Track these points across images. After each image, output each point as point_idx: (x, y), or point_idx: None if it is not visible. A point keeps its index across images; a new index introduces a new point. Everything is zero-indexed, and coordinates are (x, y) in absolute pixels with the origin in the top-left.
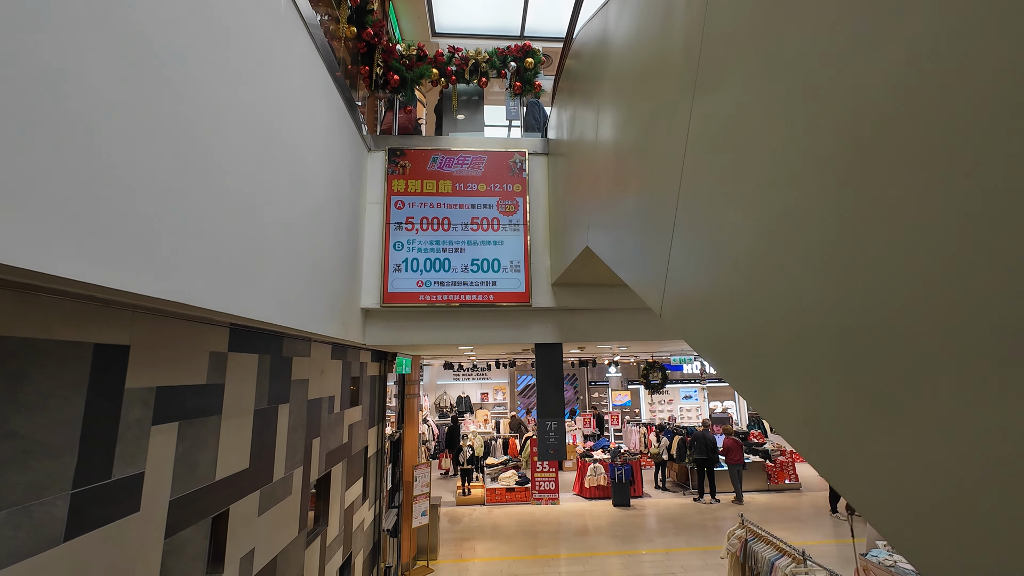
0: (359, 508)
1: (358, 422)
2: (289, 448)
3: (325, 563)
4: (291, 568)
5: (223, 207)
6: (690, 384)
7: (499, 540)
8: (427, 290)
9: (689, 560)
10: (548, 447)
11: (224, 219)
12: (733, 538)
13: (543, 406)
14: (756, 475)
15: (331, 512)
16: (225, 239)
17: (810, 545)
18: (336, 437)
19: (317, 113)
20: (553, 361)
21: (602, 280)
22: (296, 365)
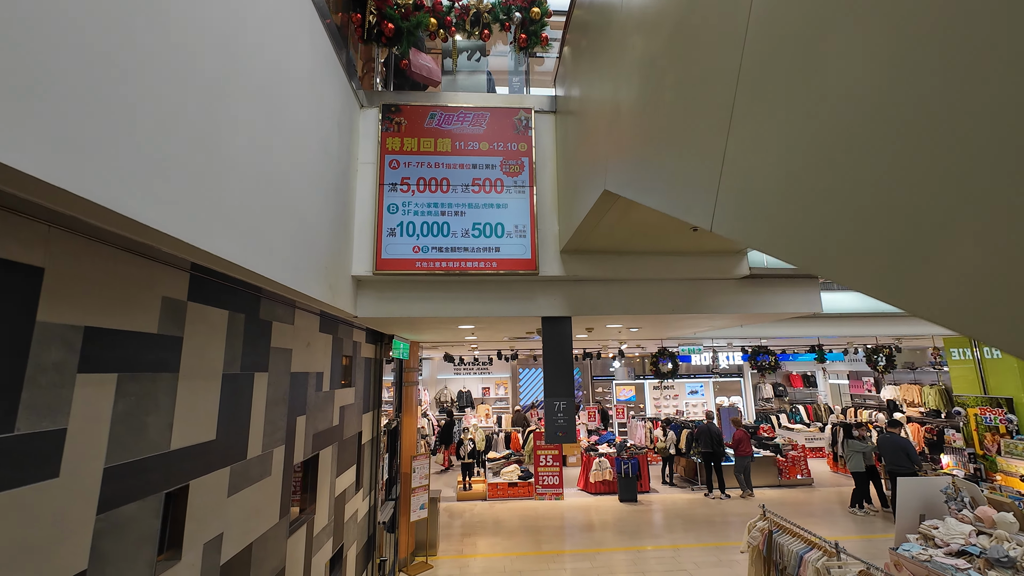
0: (352, 498)
1: (350, 405)
2: (268, 423)
3: (312, 555)
4: (270, 558)
5: (171, 109)
6: (696, 379)
7: (501, 536)
8: (424, 256)
9: (700, 556)
10: (556, 429)
11: (175, 123)
12: (755, 531)
13: (551, 385)
14: (767, 470)
15: (319, 499)
16: (176, 146)
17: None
18: (325, 418)
19: (300, 44)
20: (561, 336)
21: (614, 246)
22: (277, 331)
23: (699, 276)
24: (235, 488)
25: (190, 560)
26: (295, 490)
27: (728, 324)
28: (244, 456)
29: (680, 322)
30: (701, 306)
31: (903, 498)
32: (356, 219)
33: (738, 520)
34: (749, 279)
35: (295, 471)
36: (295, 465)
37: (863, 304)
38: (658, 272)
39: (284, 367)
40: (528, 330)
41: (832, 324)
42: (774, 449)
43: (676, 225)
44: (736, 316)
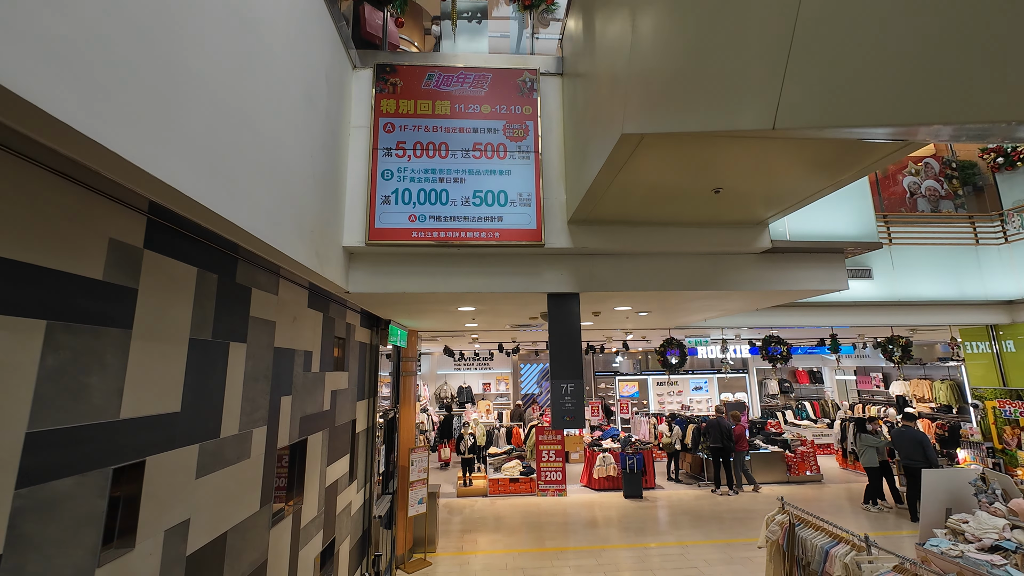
0: (344, 489)
1: (343, 391)
2: (247, 401)
3: (299, 548)
4: (249, 550)
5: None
6: (701, 375)
7: (503, 532)
8: (421, 226)
9: (710, 553)
10: (564, 413)
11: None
12: (773, 525)
13: (558, 365)
14: (775, 466)
15: (308, 488)
16: (125, 47)
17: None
18: (314, 401)
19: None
20: (569, 314)
21: (625, 214)
22: (258, 300)
23: (716, 250)
24: (205, 469)
25: (146, 548)
26: (280, 477)
27: (743, 308)
28: (217, 434)
29: (693, 304)
30: (718, 282)
31: (928, 491)
32: (348, 187)
33: (747, 517)
34: (770, 254)
35: (280, 456)
36: (279, 449)
37: (878, 292)
38: (672, 245)
39: (266, 340)
40: (532, 315)
41: (846, 313)
42: (782, 444)
43: (693, 186)
44: (755, 295)
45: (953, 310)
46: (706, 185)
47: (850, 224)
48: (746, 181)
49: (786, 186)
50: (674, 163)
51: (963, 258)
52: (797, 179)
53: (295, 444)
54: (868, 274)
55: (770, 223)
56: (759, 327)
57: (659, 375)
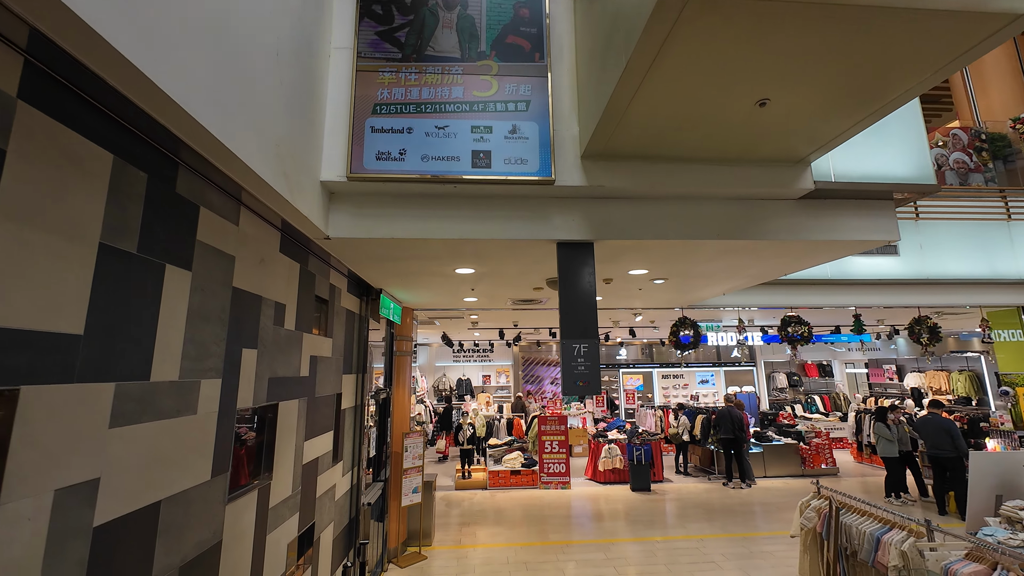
0: (328, 470)
1: (326, 359)
2: (192, 343)
3: (267, 531)
4: (195, 527)
5: None
6: (707, 367)
7: (503, 526)
8: (411, 160)
9: (727, 547)
10: (576, 377)
11: None
12: (809, 511)
13: (569, 323)
14: (789, 459)
15: (280, 462)
16: None
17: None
18: (288, 364)
19: None
20: (581, 266)
21: (647, 145)
22: (208, 223)
23: (749, 193)
24: (126, 417)
25: (23, 509)
26: (242, 444)
27: (771, 271)
28: (145, 376)
29: (715, 266)
30: (751, 231)
31: (976, 476)
32: (327, 114)
33: (762, 510)
34: (810, 200)
35: (242, 419)
36: (241, 410)
37: (904, 270)
38: (699, 186)
39: (221, 277)
40: (536, 285)
41: (870, 292)
42: (796, 436)
43: (733, 97)
44: (792, 248)
45: (984, 289)
46: (750, 94)
47: (902, 162)
48: (800, 88)
49: (850, 94)
50: (716, 59)
51: (994, 234)
52: (865, 82)
53: (263, 409)
54: (894, 250)
55: (812, 160)
56: (777, 307)
57: (664, 367)
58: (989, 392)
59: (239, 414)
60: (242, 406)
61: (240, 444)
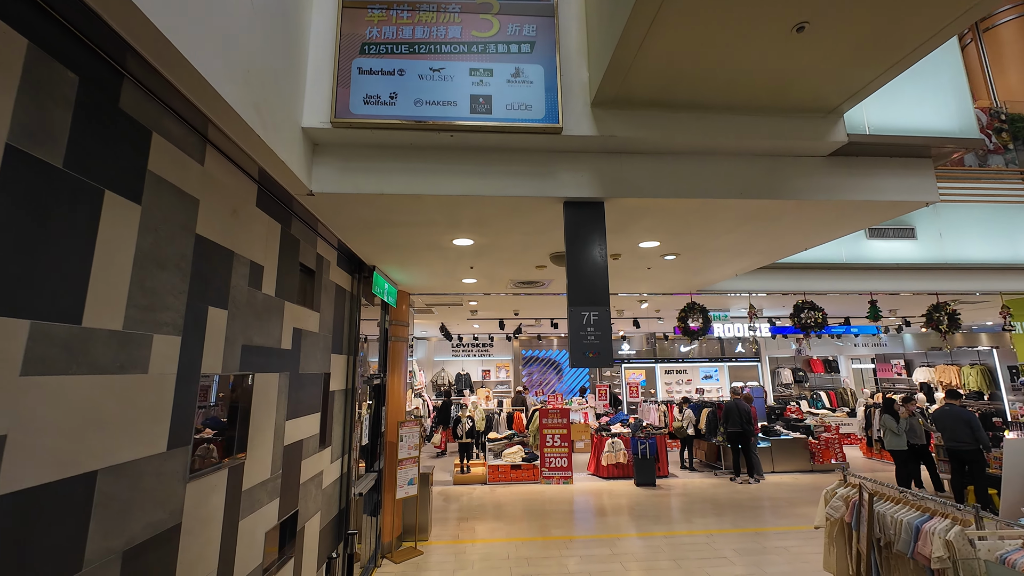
0: (314, 454)
1: (311, 333)
2: (140, 289)
3: (239, 516)
4: (144, 505)
5: None
6: (710, 362)
7: (503, 521)
8: (403, 104)
9: (739, 543)
10: (584, 348)
11: None
12: (836, 500)
13: (577, 289)
14: (798, 454)
15: (254, 441)
16: None
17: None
18: (266, 332)
19: None
20: (591, 227)
21: (665, 91)
22: (163, 152)
23: (777, 148)
24: (45, 366)
25: None
26: (209, 416)
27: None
28: (75, 319)
29: (732, 239)
30: (778, 189)
31: (1010, 464)
32: (310, 55)
33: (772, 505)
34: (841, 157)
35: (207, 387)
36: (207, 377)
37: (922, 254)
38: (723, 138)
39: (182, 220)
40: (539, 263)
41: (886, 277)
42: (804, 431)
43: (765, 22)
44: (820, 210)
45: (1004, 275)
46: (788, 16)
47: (944, 115)
48: (844, 9)
49: (893, 20)
50: None
51: (1016, 217)
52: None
53: (235, 379)
54: (911, 233)
55: (845, 110)
56: (789, 293)
57: (667, 363)
58: (1002, 386)
59: (205, 381)
60: (208, 371)
61: (207, 415)
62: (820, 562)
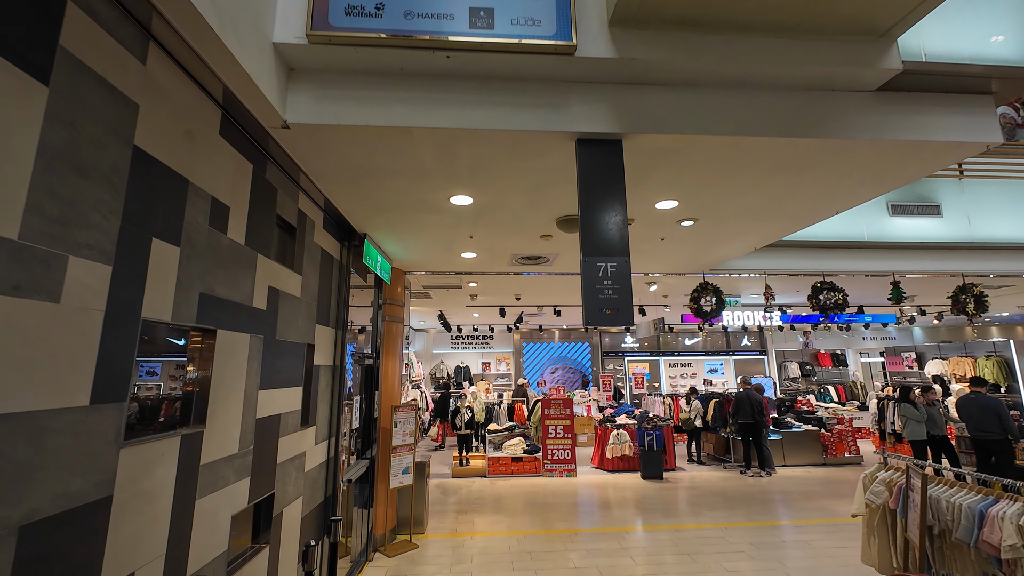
0: (294, 432)
1: (292, 297)
2: (48, 193)
3: (197, 494)
4: (59, 469)
5: None
6: (716, 355)
7: (504, 514)
8: (391, 16)
9: (755, 537)
10: (601, 303)
11: None
12: (877, 485)
13: (592, 237)
14: (810, 447)
15: (218, 407)
16: None
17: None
18: (234, 285)
19: None
20: (607, 166)
21: (700, 6)
22: (80, 28)
23: (821, 78)
24: None
25: None
26: (156, 370)
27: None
28: None
29: (763, 190)
30: (819, 127)
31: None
32: None
33: (786, 498)
34: (891, 93)
35: (155, 338)
36: (150, 323)
37: (948, 232)
38: (760, 65)
39: (110, 120)
40: (544, 232)
41: (910, 257)
42: (816, 423)
43: None
44: (864, 159)
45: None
46: None
47: (1010, 42)
48: None
49: None
50: None
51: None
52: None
53: (192, 331)
54: (936, 210)
55: (898, 34)
56: (807, 272)
57: (672, 356)
58: (1019, 378)
59: (148, 326)
60: (153, 316)
61: (153, 369)
62: (845, 556)
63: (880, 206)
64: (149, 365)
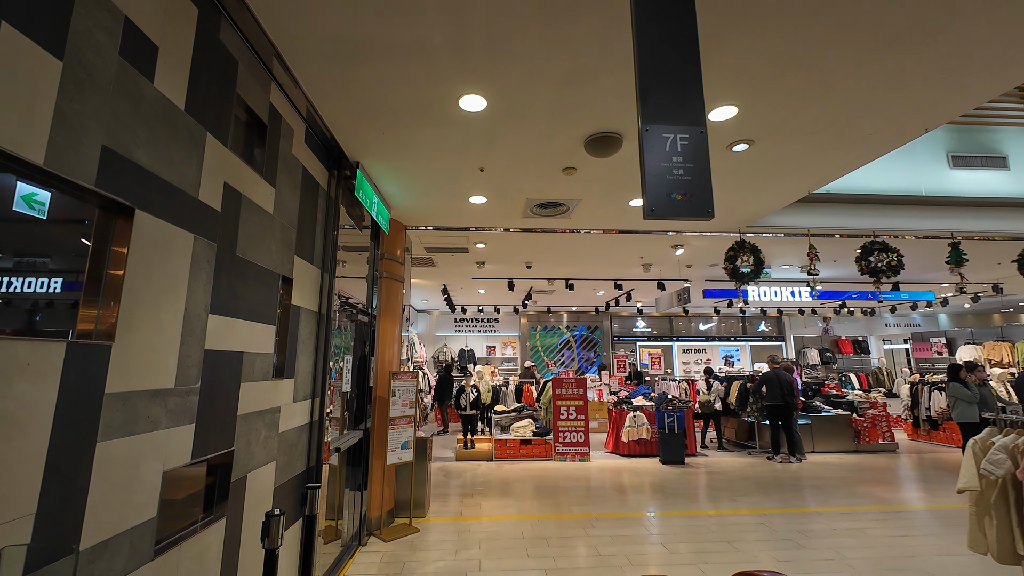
0: (264, 380)
1: (261, 210)
2: None
3: (100, 433)
4: None
5: None
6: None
7: (513, 497)
8: None
9: (800, 524)
10: (671, 185)
11: None
12: (996, 452)
13: (656, 97)
14: (841, 432)
15: (136, 317)
16: None
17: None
18: (165, 157)
19: None
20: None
21: None
22: None
23: None
24: None
25: None
26: (27, 253)
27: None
28: None
29: (855, 81)
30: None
31: None
32: None
33: (822, 484)
34: None
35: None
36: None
37: (1016, 187)
38: None
39: None
40: (567, 164)
41: (969, 215)
42: (847, 407)
43: None
44: (1006, 16)
45: None
46: None
47: None
48: None
49: None
50: None
51: None
52: None
53: (93, 199)
54: (1002, 163)
55: None
56: (853, 231)
57: (685, 341)
58: None
59: None
60: (7, 146)
61: (25, 248)
62: (911, 546)
63: (939, 157)
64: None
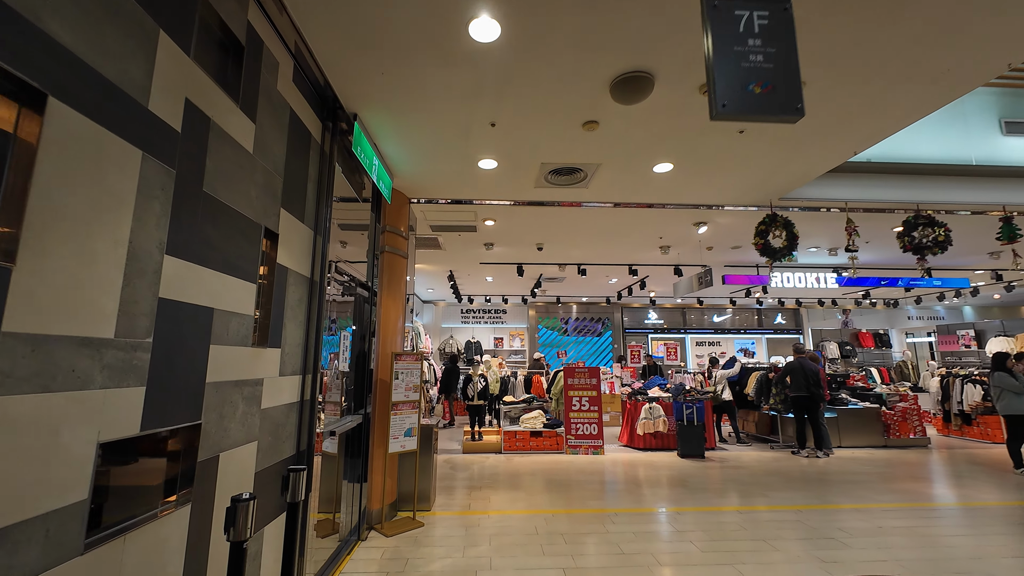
0: (241, 346)
1: (237, 145)
2: None
3: (1, 386)
4: None
5: None
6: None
7: (523, 491)
8: None
9: (842, 521)
10: (748, 77)
11: None
12: None
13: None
14: (869, 426)
15: (59, 245)
16: None
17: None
18: (93, 40)
19: None
20: None
21: None
22: None
23: None
24: None
25: None
26: None
27: None
28: None
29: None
30: None
31: None
32: None
33: (856, 480)
34: None
35: None
36: None
37: None
38: None
39: None
40: (588, 118)
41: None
42: (875, 400)
43: None
44: None
45: None
46: None
47: None
48: None
49: None
50: None
51: None
52: None
53: None
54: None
55: None
56: (896, 204)
57: (699, 333)
58: None
59: None
60: None
61: None
62: (972, 547)
63: (991, 122)
64: None
